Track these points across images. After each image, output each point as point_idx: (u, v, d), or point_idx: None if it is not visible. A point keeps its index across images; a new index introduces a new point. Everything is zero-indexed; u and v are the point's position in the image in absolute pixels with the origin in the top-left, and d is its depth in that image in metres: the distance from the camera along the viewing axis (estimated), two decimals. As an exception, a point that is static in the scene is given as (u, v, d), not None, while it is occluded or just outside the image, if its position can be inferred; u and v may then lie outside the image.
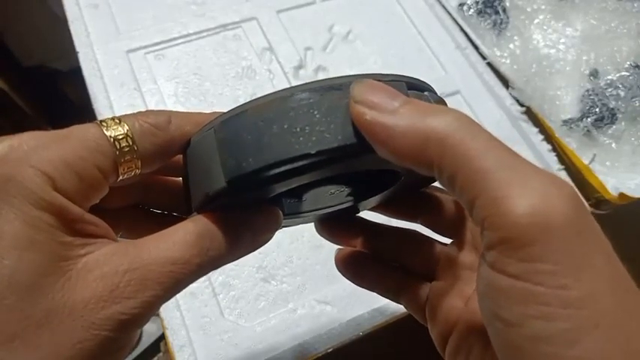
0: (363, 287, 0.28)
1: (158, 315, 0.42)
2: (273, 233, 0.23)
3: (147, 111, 0.22)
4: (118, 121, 0.20)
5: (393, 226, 0.28)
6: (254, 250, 0.22)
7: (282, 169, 0.18)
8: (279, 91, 0.18)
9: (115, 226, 0.23)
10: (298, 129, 0.17)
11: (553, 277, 0.15)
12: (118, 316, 0.18)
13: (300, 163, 0.18)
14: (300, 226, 0.47)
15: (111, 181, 0.21)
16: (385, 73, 0.19)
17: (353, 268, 0.28)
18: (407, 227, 0.28)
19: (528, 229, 0.15)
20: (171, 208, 0.26)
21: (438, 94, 0.21)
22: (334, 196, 0.27)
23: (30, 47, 0.91)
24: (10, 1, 0.84)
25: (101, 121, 0.20)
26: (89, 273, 0.18)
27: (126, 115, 0.21)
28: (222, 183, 0.19)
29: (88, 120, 0.21)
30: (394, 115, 0.17)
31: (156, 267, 0.19)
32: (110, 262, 0.19)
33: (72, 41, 0.54)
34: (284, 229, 0.29)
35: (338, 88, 0.18)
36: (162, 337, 0.63)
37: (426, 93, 0.20)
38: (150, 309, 0.19)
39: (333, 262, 0.29)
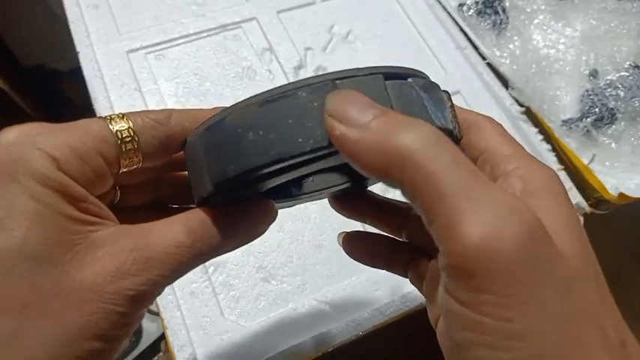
0: (375, 267, 0.28)
1: (158, 315, 0.42)
2: (268, 224, 0.24)
3: (150, 110, 0.23)
4: (121, 116, 0.22)
5: (400, 201, 0.28)
6: (252, 240, 0.24)
7: (261, 173, 0.19)
8: (256, 95, 0.19)
9: (134, 224, 0.24)
10: (272, 135, 0.18)
11: (498, 309, 0.15)
12: (126, 292, 0.19)
13: (277, 167, 0.19)
14: (300, 226, 0.48)
15: (114, 171, 0.22)
16: (363, 67, 0.19)
17: (361, 248, 0.29)
18: None
19: (476, 260, 0.15)
20: (187, 202, 0.27)
21: None
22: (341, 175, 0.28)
23: (30, 47, 0.91)
24: (10, 1, 0.84)
25: (106, 116, 0.22)
26: (97, 249, 0.19)
27: (129, 112, 0.22)
28: (209, 187, 0.20)
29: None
30: (362, 130, 0.17)
31: (161, 248, 0.20)
32: (117, 241, 0.20)
33: (72, 41, 0.54)
34: (285, 230, 0.29)
35: (310, 92, 0.19)
36: (162, 337, 0.63)
37: (409, 80, 0.20)
38: (155, 287, 0.20)
39: (333, 262, 0.29)
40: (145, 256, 0.19)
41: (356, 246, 0.29)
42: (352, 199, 0.29)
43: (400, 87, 0.19)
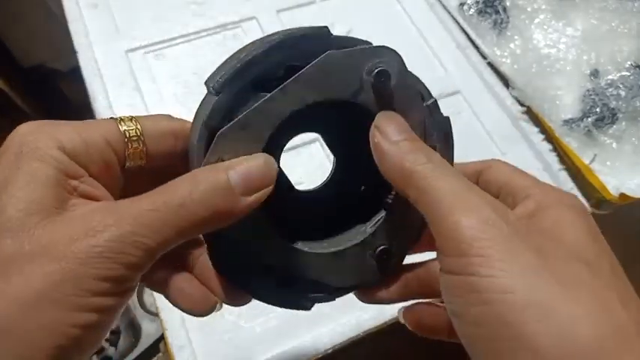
0: (437, 338, 0.26)
1: (157, 315, 0.42)
2: (270, 185, 0.22)
3: (162, 114, 0.25)
4: (130, 118, 0.23)
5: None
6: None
7: (245, 65, 0.22)
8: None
9: None
10: (276, 36, 0.22)
11: (484, 268, 0.18)
12: (90, 249, 0.18)
13: (257, 54, 0.22)
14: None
15: (120, 164, 0.23)
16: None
17: (422, 322, 0.27)
18: None
19: (463, 234, 0.19)
20: None
21: (438, 94, 0.22)
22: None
23: (30, 47, 0.91)
24: (10, 1, 0.84)
25: (117, 117, 0.23)
26: (72, 219, 0.20)
27: (141, 116, 0.24)
28: (212, 100, 0.23)
29: (87, 119, 0.23)
30: (392, 146, 0.23)
31: (136, 208, 0.20)
32: (95, 210, 0.20)
33: (71, 41, 0.54)
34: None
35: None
36: (161, 338, 0.63)
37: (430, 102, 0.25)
38: (124, 244, 0.19)
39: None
40: (119, 216, 0.19)
41: (417, 319, 0.27)
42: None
43: (429, 108, 0.24)
